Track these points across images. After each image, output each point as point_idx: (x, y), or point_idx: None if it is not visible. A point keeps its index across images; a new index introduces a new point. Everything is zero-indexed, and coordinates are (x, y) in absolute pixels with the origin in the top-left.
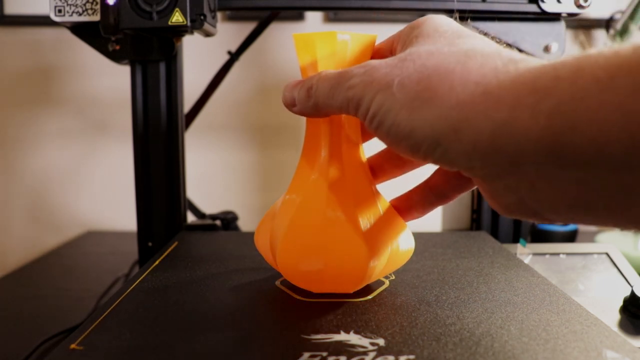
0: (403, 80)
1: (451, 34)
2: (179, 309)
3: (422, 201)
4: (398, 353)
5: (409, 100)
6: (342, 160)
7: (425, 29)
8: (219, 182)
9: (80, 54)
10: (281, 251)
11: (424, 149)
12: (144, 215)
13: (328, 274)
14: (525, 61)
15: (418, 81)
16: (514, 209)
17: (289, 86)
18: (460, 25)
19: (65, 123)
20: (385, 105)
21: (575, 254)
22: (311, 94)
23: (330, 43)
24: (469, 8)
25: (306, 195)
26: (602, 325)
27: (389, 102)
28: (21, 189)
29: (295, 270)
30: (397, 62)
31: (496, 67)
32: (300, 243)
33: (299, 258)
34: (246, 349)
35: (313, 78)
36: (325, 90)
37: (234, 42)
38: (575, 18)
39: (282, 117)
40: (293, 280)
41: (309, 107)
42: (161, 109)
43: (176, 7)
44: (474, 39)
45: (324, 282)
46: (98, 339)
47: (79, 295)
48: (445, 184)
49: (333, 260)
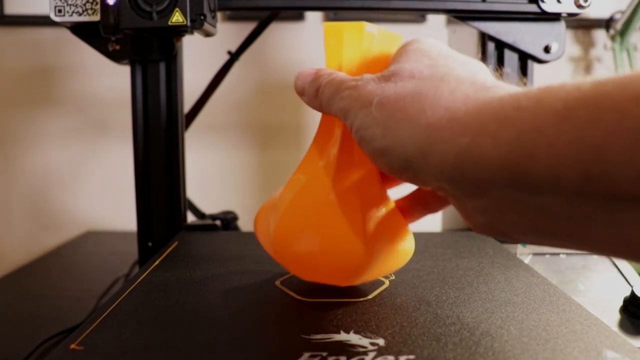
0: (382, 100)
1: (436, 54)
2: (179, 309)
3: (410, 209)
4: (398, 353)
5: (384, 119)
6: (352, 152)
7: (412, 47)
8: (219, 182)
9: (80, 54)
10: (278, 227)
11: (397, 168)
12: (144, 215)
13: (322, 260)
14: (496, 88)
15: (394, 102)
16: (484, 229)
17: (303, 75)
18: (445, 47)
19: (65, 123)
20: (365, 122)
21: (575, 254)
22: (318, 94)
23: (358, 33)
24: (469, 8)
25: (312, 177)
26: (602, 325)
27: (368, 119)
28: (21, 189)
29: (289, 251)
30: (382, 80)
31: (467, 93)
32: (298, 222)
33: (294, 237)
34: (246, 349)
35: (322, 78)
36: (327, 95)
37: (234, 42)
38: (575, 18)
39: (282, 117)
40: (286, 263)
41: (315, 105)
42: (161, 109)
43: (176, 7)
44: (454, 62)
45: (316, 269)
46: (98, 339)
47: (79, 295)
48: (430, 196)
49: (328, 246)
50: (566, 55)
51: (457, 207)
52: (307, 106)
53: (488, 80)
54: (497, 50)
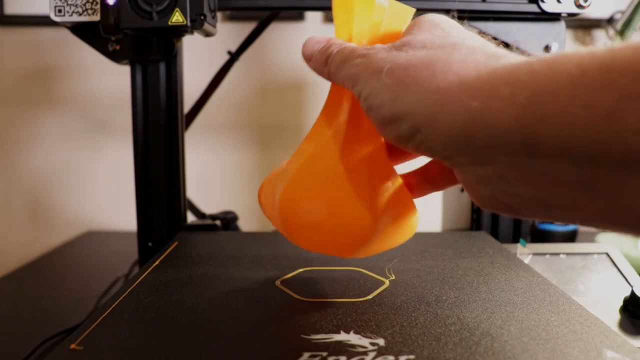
0: (392, 67)
1: (448, 26)
2: (179, 309)
3: (416, 184)
4: (398, 353)
5: (393, 85)
6: (361, 124)
7: (425, 20)
8: (219, 182)
9: (80, 54)
10: (284, 196)
11: (404, 135)
12: (144, 215)
13: (328, 229)
14: (507, 57)
15: (405, 68)
16: (488, 203)
17: (312, 41)
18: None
19: (65, 123)
20: (374, 89)
21: (575, 254)
22: (327, 62)
23: (368, 6)
24: (469, 8)
25: (319, 147)
26: (602, 325)
27: (378, 85)
28: (21, 188)
29: (295, 221)
30: (393, 49)
31: (478, 60)
32: (305, 191)
33: (301, 206)
34: (246, 348)
35: (333, 47)
36: (337, 63)
37: (234, 42)
38: (575, 18)
39: (282, 117)
40: (291, 233)
41: (323, 72)
42: (161, 109)
43: (176, 7)
44: (465, 33)
45: (322, 239)
46: (98, 339)
47: (79, 295)
48: (436, 172)
49: (335, 216)
50: None
51: (461, 179)
52: (307, 106)
53: (499, 50)
54: None
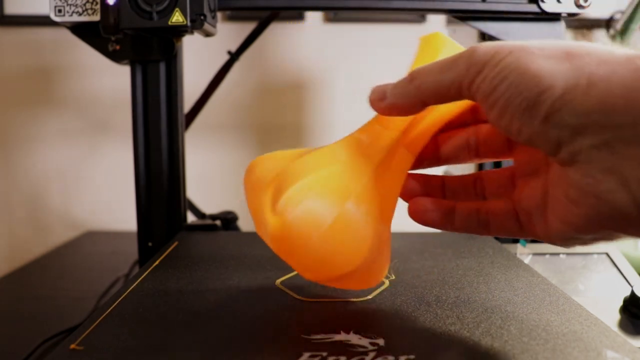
0: (542, 43)
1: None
2: (179, 309)
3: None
4: (398, 353)
5: (550, 53)
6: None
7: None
8: (219, 182)
9: (80, 54)
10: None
11: (542, 98)
12: (144, 215)
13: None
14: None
15: (556, 45)
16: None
17: (378, 85)
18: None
19: (65, 123)
20: (520, 57)
21: (575, 254)
22: (414, 76)
23: (453, 50)
24: (469, 8)
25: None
26: (602, 325)
27: (524, 53)
28: (21, 188)
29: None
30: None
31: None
32: (340, 244)
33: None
34: (246, 349)
35: (413, 71)
36: (434, 73)
37: (234, 42)
38: (575, 18)
39: (282, 117)
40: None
41: (408, 94)
42: (161, 109)
43: (176, 7)
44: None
45: (334, 282)
46: (98, 339)
47: (79, 295)
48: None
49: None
50: None
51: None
52: (307, 106)
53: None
54: None
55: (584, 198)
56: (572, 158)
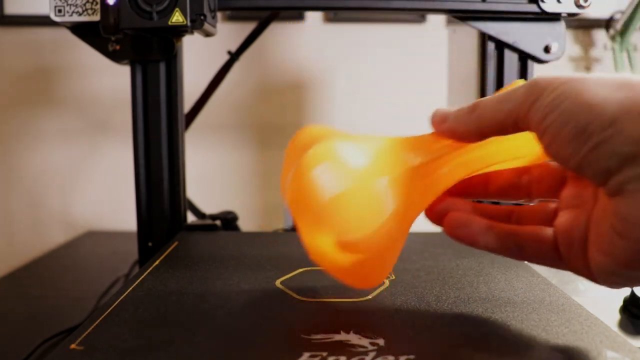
0: (599, 74)
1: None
2: (179, 309)
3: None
4: (398, 353)
5: (604, 82)
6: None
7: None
8: (219, 182)
9: (80, 54)
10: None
11: (593, 126)
12: (144, 215)
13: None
14: None
15: (612, 76)
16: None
17: (440, 109)
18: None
19: (65, 123)
20: (574, 85)
21: None
22: (476, 105)
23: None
24: (469, 8)
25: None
26: (602, 325)
27: (579, 82)
28: (21, 188)
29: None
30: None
31: None
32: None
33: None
34: (246, 349)
35: (476, 101)
36: (493, 103)
37: (234, 42)
38: (575, 18)
39: (282, 117)
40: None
41: (468, 122)
42: (161, 109)
43: (176, 7)
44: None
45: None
46: (98, 339)
47: (79, 295)
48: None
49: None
50: (566, 55)
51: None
52: (307, 106)
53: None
54: (497, 50)
55: (630, 230)
56: (620, 187)
